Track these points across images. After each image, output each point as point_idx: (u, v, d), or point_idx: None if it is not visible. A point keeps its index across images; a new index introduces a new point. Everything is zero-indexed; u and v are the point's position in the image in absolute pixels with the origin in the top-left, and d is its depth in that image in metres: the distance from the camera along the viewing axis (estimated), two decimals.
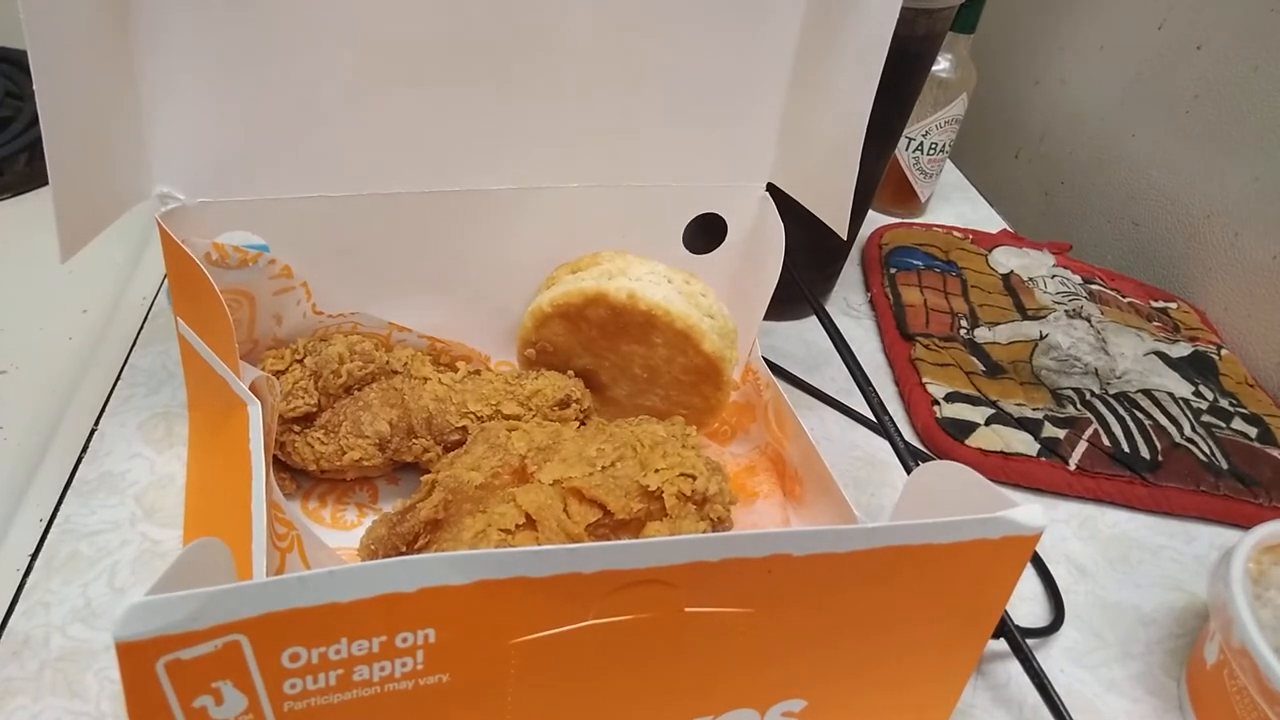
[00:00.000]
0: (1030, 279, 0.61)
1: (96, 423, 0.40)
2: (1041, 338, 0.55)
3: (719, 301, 0.41)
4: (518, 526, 0.32)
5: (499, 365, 0.45)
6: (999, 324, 0.56)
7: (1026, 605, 0.41)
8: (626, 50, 0.37)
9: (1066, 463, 0.46)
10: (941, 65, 0.63)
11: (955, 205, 0.73)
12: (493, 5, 0.35)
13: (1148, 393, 0.51)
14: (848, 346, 0.41)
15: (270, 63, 0.33)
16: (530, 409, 0.39)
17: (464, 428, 0.38)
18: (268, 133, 0.35)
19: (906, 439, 0.42)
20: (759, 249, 0.43)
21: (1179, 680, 0.38)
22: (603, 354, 0.41)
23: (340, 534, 0.38)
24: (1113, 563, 0.44)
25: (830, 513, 0.36)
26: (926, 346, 0.53)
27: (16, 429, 0.40)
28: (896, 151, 0.65)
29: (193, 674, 0.22)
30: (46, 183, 0.30)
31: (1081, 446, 0.47)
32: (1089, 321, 0.56)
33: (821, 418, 0.49)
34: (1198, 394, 0.52)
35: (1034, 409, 0.49)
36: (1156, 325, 0.58)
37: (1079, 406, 0.50)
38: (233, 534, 0.29)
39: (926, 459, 0.43)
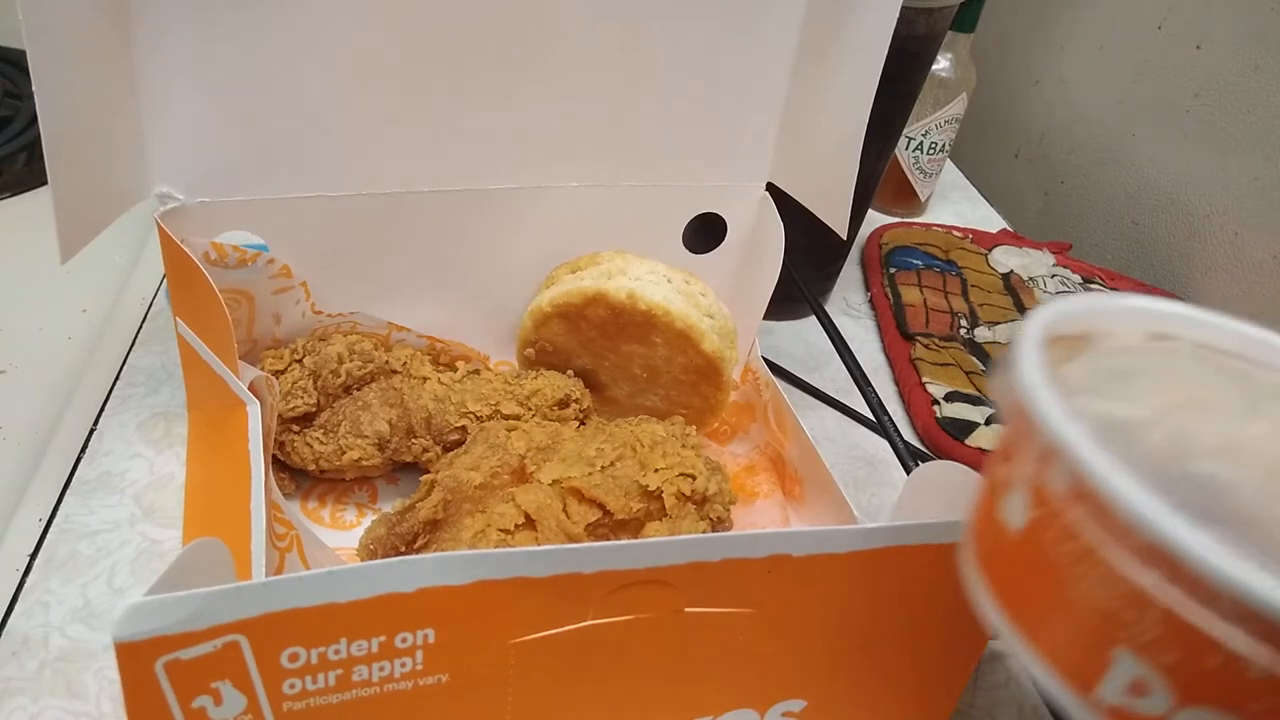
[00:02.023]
0: (1030, 279, 0.61)
1: (96, 422, 0.40)
2: None
3: (719, 301, 0.41)
4: (517, 526, 0.32)
5: (498, 365, 0.45)
6: (999, 324, 0.56)
7: None
8: (626, 49, 0.37)
9: None
10: (941, 65, 0.63)
11: (955, 205, 0.73)
12: (492, 6, 0.35)
13: None
14: (847, 346, 0.41)
15: (269, 62, 0.33)
16: (530, 409, 0.39)
17: (463, 427, 0.38)
18: (267, 132, 0.35)
19: (906, 439, 0.42)
20: (759, 249, 0.43)
21: (970, 564, 0.25)
22: (602, 354, 0.41)
23: (339, 534, 0.38)
24: None
25: (830, 513, 0.36)
26: (926, 346, 0.53)
27: (16, 429, 0.40)
28: (896, 151, 0.65)
29: (192, 674, 0.22)
30: (45, 182, 0.30)
31: None
32: None
33: (821, 418, 0.49)
34: None
35: None
36: None
37: None
38: (232, 534, 0.29)
39: (926, 459, 0.43)
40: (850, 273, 0.62)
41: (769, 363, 0.44)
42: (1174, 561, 0.17)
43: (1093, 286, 0.61)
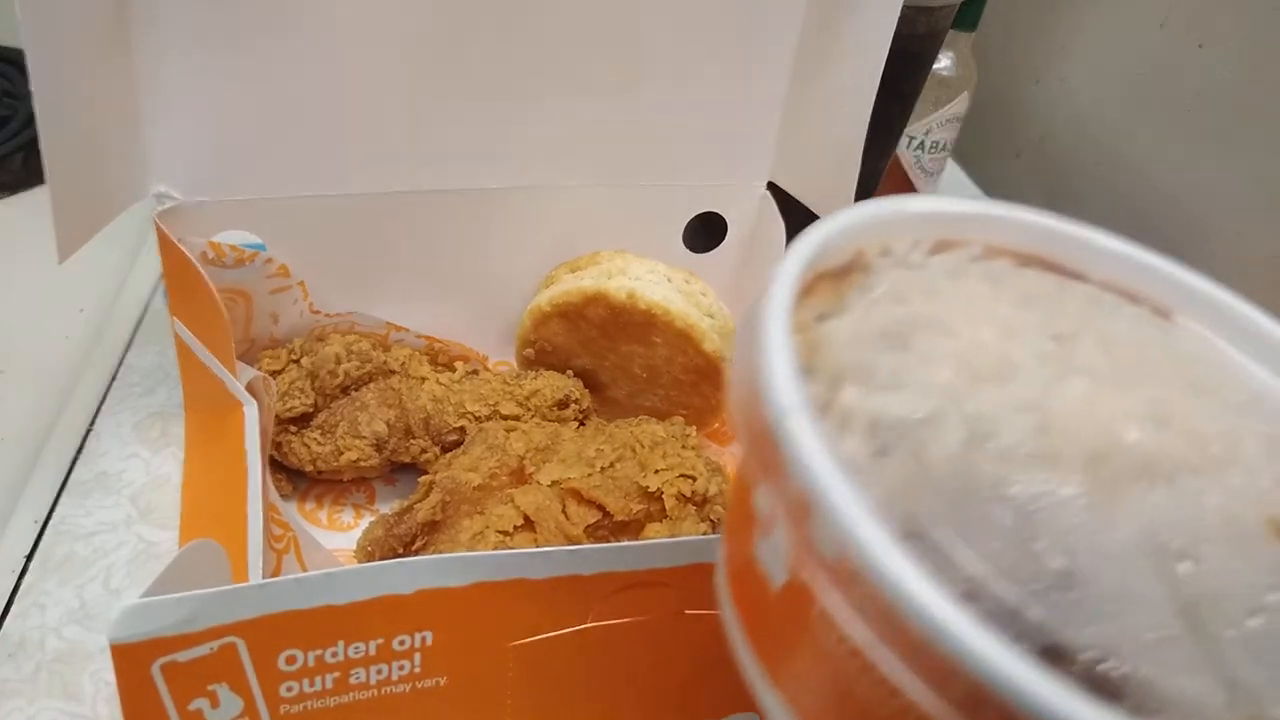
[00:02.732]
0: None
1: (92, 423, 0.40)
2: None
3: (719, 301, 0.40)
4: (516, 528, 0.32)
5: (497, 365, 0.45)
6: None
7: None
8: (627, 48, 0.37)
9: None
10: (943, 63, 0.63)
11: None
12: (492, 5, 0.34)
13: None
14: None
15: (267, 61, 0.33)
16: (529, 409, 0.39)
17: (462, 428, 0.38)
18: (265, 131, 0.35)
19: None
20: (759, 248, 0.43)
21: (725, 602, 0.19)
22: (602, 354, 0.41)
23: (337, 535, 0.38)
24: None
25: None
26: None
27: (12, 429, 0.40)
28: (898, 150, 0.65)
29: (188, 676, 0.22)
30: (43, 181, 0.29)
31: None
32: None
33: None
34: None
35: None
36: None
37: None
38: (229, 535, 0.29)
39: None
40: None
41: None
42: (987, 696, 0.12)
43: None
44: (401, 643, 0.23)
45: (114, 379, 0.42)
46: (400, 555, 0.33)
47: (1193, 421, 0.17)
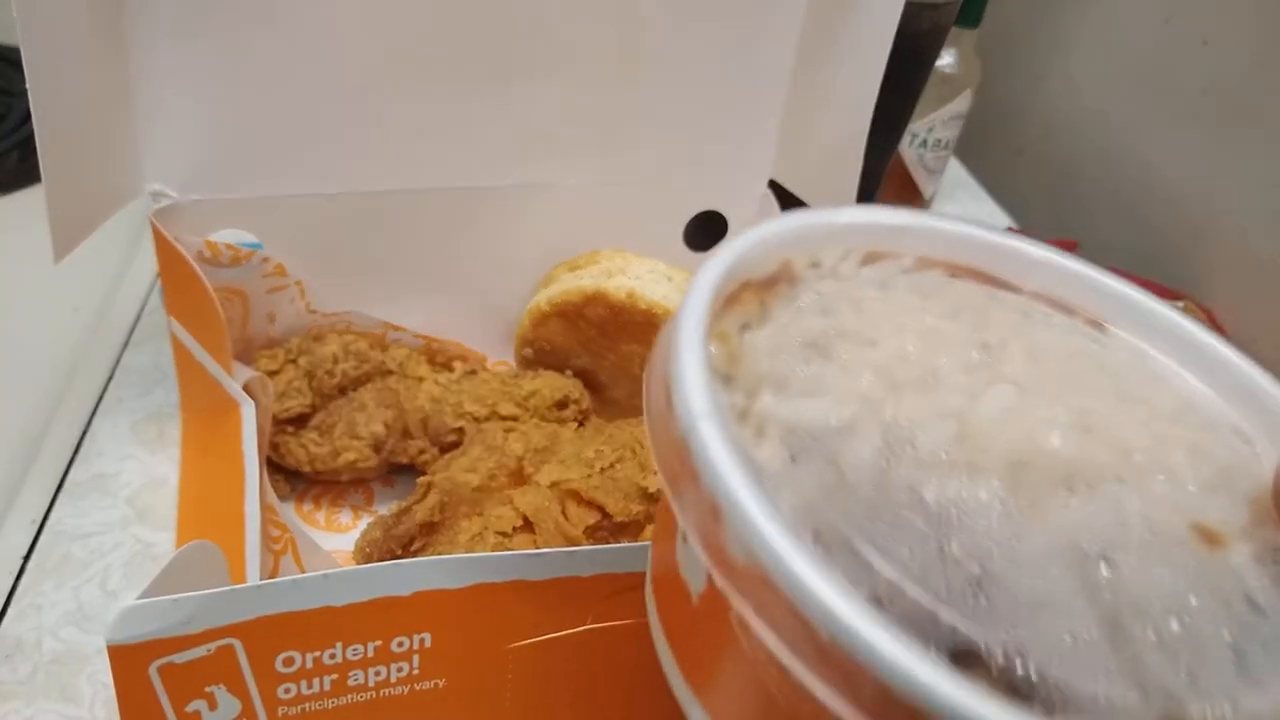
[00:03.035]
0: None
1: (88, 424, 0.40)
2: None
3: None
4: (515, 529, 0.32)
5: (496, 365, 0.45)
6: None
7: None
8: (627, 45, 0.37)
9: None
10: (945, 60, 0.63)
11: (960, 202, 0.72)
12: (493, 4, 0.34)
13: None
14: None
15: (264, 59, 0.33)
16: (527, 410, 0.38)
17: (460, 429, 0.38)
18: (261, 130, 0.35)
19: None
20: None
21: (651, 614, 0.20)
22: (602, 353, 0.41)
23: (335, 536, 0.37)
24: None
25: None
26: None
27: (7, 430, 0.40)
28: (900, 148, 0.65)
29: (186, 678, 0.22)
30: (38, 180, 0.29)
31: None
32: None
33: None
34: None
35: None
36: None
37: None
38: (226, 537, 0.28)
39: None
40: None
41: None
42: (895, 699, 0.12)
43: None
44: (400, 644, 0.23)
45: (110, 380, 0.42)
46: (398, 557, 0.33)
47: (1118, 430, 0.17)
